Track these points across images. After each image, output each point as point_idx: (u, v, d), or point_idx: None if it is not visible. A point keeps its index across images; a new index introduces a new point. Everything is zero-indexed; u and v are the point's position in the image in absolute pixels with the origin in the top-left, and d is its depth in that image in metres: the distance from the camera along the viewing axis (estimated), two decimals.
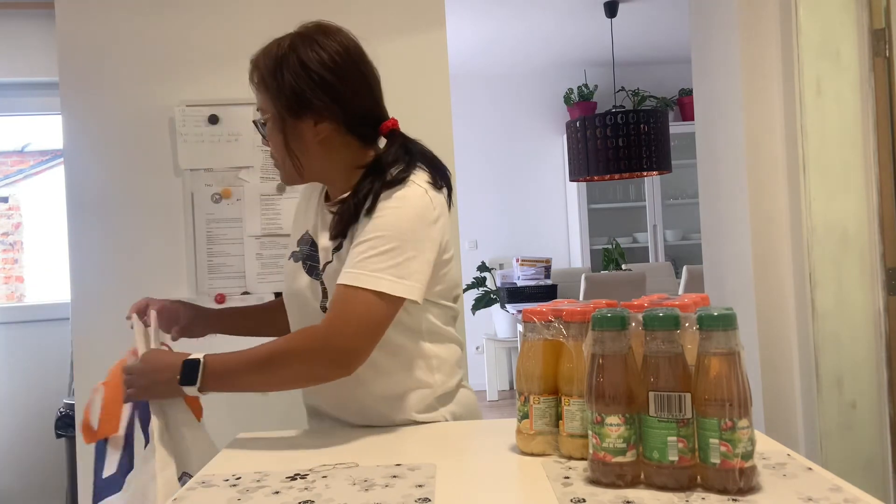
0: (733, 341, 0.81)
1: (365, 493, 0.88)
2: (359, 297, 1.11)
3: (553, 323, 0.96)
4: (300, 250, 1.31)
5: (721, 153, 2.37)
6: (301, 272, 1.29)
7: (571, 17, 4.60)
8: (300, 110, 1.21)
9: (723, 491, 0.80)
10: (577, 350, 0.93)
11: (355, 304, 1.11)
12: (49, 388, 3.04)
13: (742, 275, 2.23)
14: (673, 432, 0.81)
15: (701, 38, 2.49)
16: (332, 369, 1.13)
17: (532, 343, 0.98)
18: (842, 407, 2.02)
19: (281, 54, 1.23)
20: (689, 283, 4.49)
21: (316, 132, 1.23)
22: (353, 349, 1.11)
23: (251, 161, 2.18)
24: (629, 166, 3.93)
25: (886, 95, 2.01)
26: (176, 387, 1.15)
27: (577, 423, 0.94)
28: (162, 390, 1.19)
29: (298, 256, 1.31)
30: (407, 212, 1.16)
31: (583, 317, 0.94)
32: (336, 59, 1.23)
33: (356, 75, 1.24)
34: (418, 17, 2.24)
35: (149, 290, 2.18)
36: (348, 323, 1.11)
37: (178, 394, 1.18)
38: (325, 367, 1.12)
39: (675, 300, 0.97)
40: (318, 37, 1.25)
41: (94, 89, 2.18)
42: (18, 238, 3.70)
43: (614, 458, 0.84)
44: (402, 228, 1.14)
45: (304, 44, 1.24)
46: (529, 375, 0.98)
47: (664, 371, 0.82)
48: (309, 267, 1.28)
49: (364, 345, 1.12)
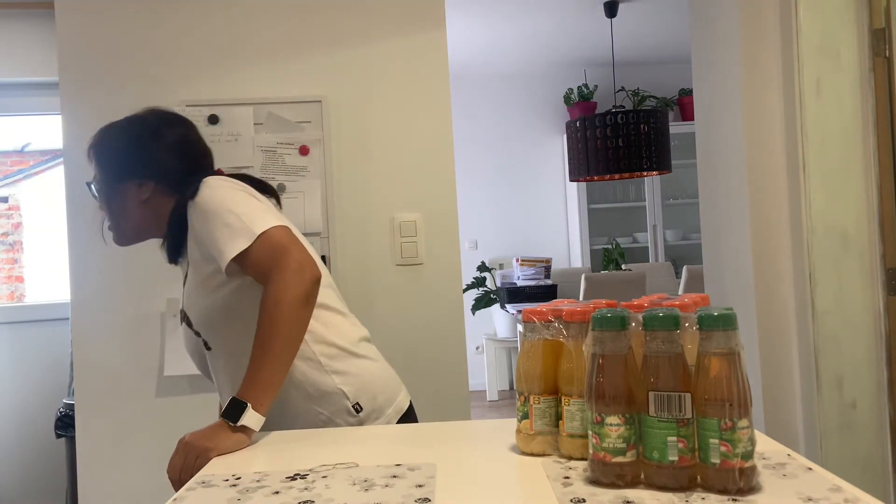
0: (733, 341, 0.81)
1: (365, 493, 0.88)
2: (255, 246, 1.19)
3: (553, 323, 0.96)
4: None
5: (721, 153, 2.36)
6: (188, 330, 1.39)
7: (571, 17, 4.60)
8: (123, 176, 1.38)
9: (723, 491, 0.80)
10: (578, 350, 0.93)
11: (262, 250, 1.19)
12: (49, 388, 3.04)
13: (742, 275, 2.23)
14: (673, 432, 0.81)
15: (701, 38, 2.48)
16: (309, 283, 1.18)
17: (532, 343, 0.98)
18: (842, 407, 2.02)
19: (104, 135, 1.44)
20: (689, 283, 4.49)
21: (139, 193, 1.37)
22: (298, 260, 1.18)
23: (251, 161, 2.18)
24: (629, 166, 3.93)
25: (886, 95, 2.01)
26: (234, 433, 1.14)
27: (577, 423, 0.94)
28: (225, 443, 1.13)
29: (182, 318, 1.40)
30: (215, 191, 1.26)
31: (583, 317, 0.94)
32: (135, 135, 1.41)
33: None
34: (418, 17, 2.24)
35: (148, 290, 2.18)
36: (274, 256, 1.18)
37: (242, 440, 1.14)
38: (301, 286, 1.17)
39: (675, 300, 0.97)
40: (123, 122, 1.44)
41: (94, 89, 2.18)
42: (18, 238, 3.70)
43: (614, 458, 0.84)
44: (223, 197, 1.24)
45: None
46: (529, 375, 0.98)
47: (664, 371, 0.82)
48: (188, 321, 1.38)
49: (299, 255, 1.19)
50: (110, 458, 2.16)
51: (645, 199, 5.76)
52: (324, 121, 2.19)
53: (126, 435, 2.17)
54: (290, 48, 2.22)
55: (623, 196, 5.90)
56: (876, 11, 2.01)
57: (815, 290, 2.03)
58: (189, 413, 2.17)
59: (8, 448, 3.07)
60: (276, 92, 2.20)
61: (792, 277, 2.12)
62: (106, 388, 2.17)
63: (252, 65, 2.22)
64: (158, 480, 2.13)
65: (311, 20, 2.23)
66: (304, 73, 2.22)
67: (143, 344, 2.17)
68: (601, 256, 5.39)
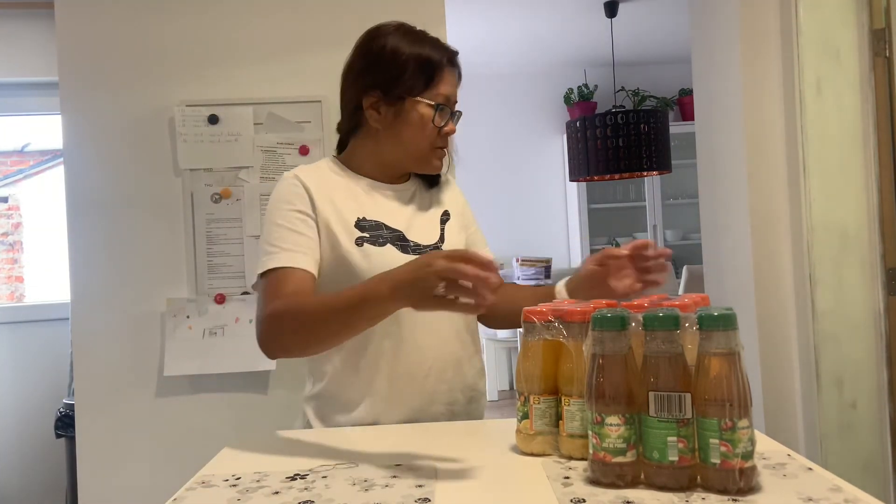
0: (733, 341, 0.81)
1: (365, 493, 0.88)
2: (259, 281, 1.24)
3: (553, 323, 0.96)
4: (379, 234, 1.27)
5: (721, 153, 2.36)
6: (394, 251, 1.27)
7: (571, 17, 4.60)
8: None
9: (723, 491, 0.80)
10: (578, 350, 0.93)
11: (259, 288, 1.23)
12: (49, 388, 3.04)
13: (742, 275, 2.23)
14: (673, 432, 0.81)
15: (701, 38, 2.48)
16: (259, 335, 1.17)
17: (532, 343, 0.98)
18: (842, 407, 2.02)
19: None
20: (689, 283, 4.49)
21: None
22: (260, 315, 1.19)
23: (251, 161, 2.18)
24: (629, 166, 3.93)
25: (886, 95, 2.01)
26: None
27: (577, 423, 0.94)
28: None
29: (382, 239, 1.27)
30: (269, 205, 1.29)
31: (583, 317, 0.94)
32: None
33: None
34: (418, 17, 2.23)
35: (148, 290, 2.18)
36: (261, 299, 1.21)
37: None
38: (259, 336, 1.17)
39: (676, 300, 0.97)
40: None
41: (94, 89, 2.18)
42: (18, 238, 3.70)
43: (614, 458, 0.84)
44: (267, 214, 1.29)
45: None
46: (529, 376, 0.98)
47: (664, 371, 0.82)
48: (401, 246, 1.28)
49: (263, 310, 1.19)
50: (110, 458, 2.16)
51: (645, 199, 5.76)
52: (324, 121, 2.19)
53: (126, 435, 2.17)
54: (290, 48, 2.22)
55: (623, 196, 5.89)
56: (876, 11, 2.01)
57: (815, 290, 2.03)
58: (189, 413, 2.17)
59: (8, 448, 3.07)
60: (276, 92, 2.20)
61: (792, 277, 2.12)
62: (106, 388, 2.17)
63: (252, 65, 2.21)
64: (158, 480, 2.14)
65: (311, 20, 2.23)
66: (304, 73, 2.22)
67: (143, 344, 2.17)
68: None
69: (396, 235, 1.28)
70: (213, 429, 2.15)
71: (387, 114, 1.26)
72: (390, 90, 1.25)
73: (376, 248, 1.25)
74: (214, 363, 2.15)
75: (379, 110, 1.27)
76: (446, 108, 1.27)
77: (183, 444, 2.16)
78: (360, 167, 1.33)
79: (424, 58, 1.25)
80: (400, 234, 1.28)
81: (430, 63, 1.25)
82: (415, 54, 1.25)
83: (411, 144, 1.28)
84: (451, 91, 1.29)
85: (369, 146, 1.32)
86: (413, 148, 1.29)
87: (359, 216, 1.27)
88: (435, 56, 1.26)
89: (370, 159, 1.32)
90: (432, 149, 1.30)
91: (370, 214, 1.28)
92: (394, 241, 1.27)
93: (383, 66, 1.25)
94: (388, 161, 1.32)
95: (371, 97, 1.26)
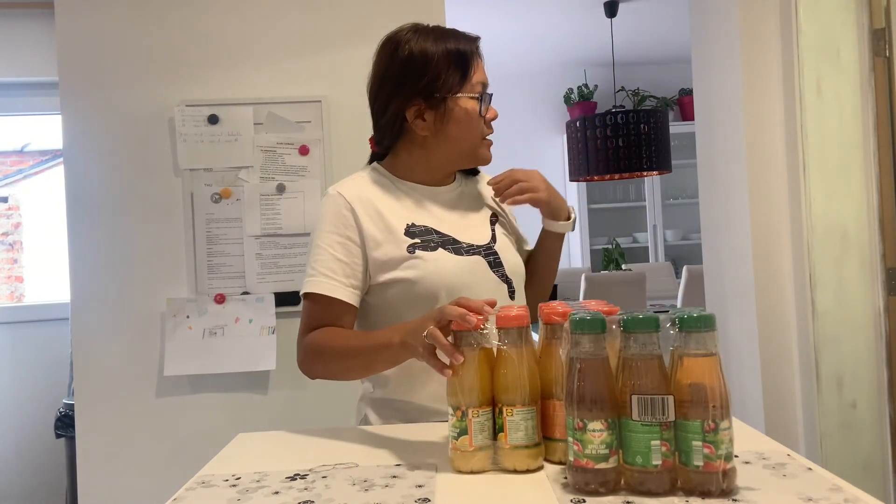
0: (712, 343, 0.81)
1: (365, 494, 0.88)
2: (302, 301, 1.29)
3: (485, 331, 0.94)
4: (430, 239, 1.26)
5: (721, 153, 2.36)
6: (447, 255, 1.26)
7: (571, 17, 4.60)
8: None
9: (705, 493, 0.79)
10: (520, 357, 0.91)
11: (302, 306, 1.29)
12: (49, 388, 3.04)
13: (742, 275, 2.23)
14: (656, 436, 0.80)
15: (701, 38, 2.48)
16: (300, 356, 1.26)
17: (467, 353, 0.94)
18: (842, 407, 2.02)
19: None
20: (689, 282, 4.48)
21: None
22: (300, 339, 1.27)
23: (251, 161, 2.18)
24: (629, 166, 3.92)
25: (886, 95, 2.01)
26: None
27: (521, 433, 0.91)
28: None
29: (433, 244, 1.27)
30: (316, 224, 1.31)
31: (519, 322, 0.92)
32: None
33: None
34: (418, 17, 2.23)
35: (148, 290, 2.18)
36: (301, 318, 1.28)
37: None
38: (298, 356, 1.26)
39: (576, 306, 0.97)
40: None
41: (94, 89, 2.18)
42: (18, 238, 3.70)
43: (597, 464, 0.82)
44: (313, 234, 1.32)
45: None
46: (469, 387, 0.93)
47: (646, 374, 0.81)
48: (453, 248, 1.27)
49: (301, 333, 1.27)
50: (110, 458, 2.16)
51: (645, 199, 5.76)
52: (324, 121, 2.19)
53: (126, 435, 2.17)
54: (290, 48, 2.22)
55: (623, 196, 5.89)
56: (876, 11, 2.01)
57: (815, 290, 2.03)
58: (189, 413, 2.17)
59: (8, 448, 3.07)
60: (276, 92, 2.20)
61: (792, 277, 2.12)
62: (106, 388, 2.17)
63: (252, 65, 2.21)
64: (158, 480, 2.14)
65: (311, 20, 2.23)
66: (304, 73, 2.22)
67: (143, 344, 2.17)
68: (601, 256, 5.38)
69: (447, 239, 1.26)
70: (213, 429, 2.15)
71: (432, 119, 1.25)
72: (430, 94, 1.23)
73: (428, 254, 1.23)
74: (214, 363, 2.15)
75: (424, 117, 1.25)
76: (486, 95, 1.27)
77: (183, 444, 2.16)
78: (408, 174, 1.31)
79: (454, 52, 1.24)
80: (449, 238, 1.27)
81: (460, 56, 1.24)
82: (444, 52, 1.23)
83: (464, 141, 1.28)
84: (484, 76, 1.29)
85: (417, 153, 1.30)
86: (466, 144, 1.28)
87: (408, 223, 1.26)
88: (463, 47, 1.25)
89: (420, 166, 1.31)
90: (482, 139, 1.30)
91: (419, 220, 1.27)
92: (444, 245, 1.25)
93: (417, 73, 1.23)
94: (440, 164, 1.31)
95: (413, 107, 1.25)
